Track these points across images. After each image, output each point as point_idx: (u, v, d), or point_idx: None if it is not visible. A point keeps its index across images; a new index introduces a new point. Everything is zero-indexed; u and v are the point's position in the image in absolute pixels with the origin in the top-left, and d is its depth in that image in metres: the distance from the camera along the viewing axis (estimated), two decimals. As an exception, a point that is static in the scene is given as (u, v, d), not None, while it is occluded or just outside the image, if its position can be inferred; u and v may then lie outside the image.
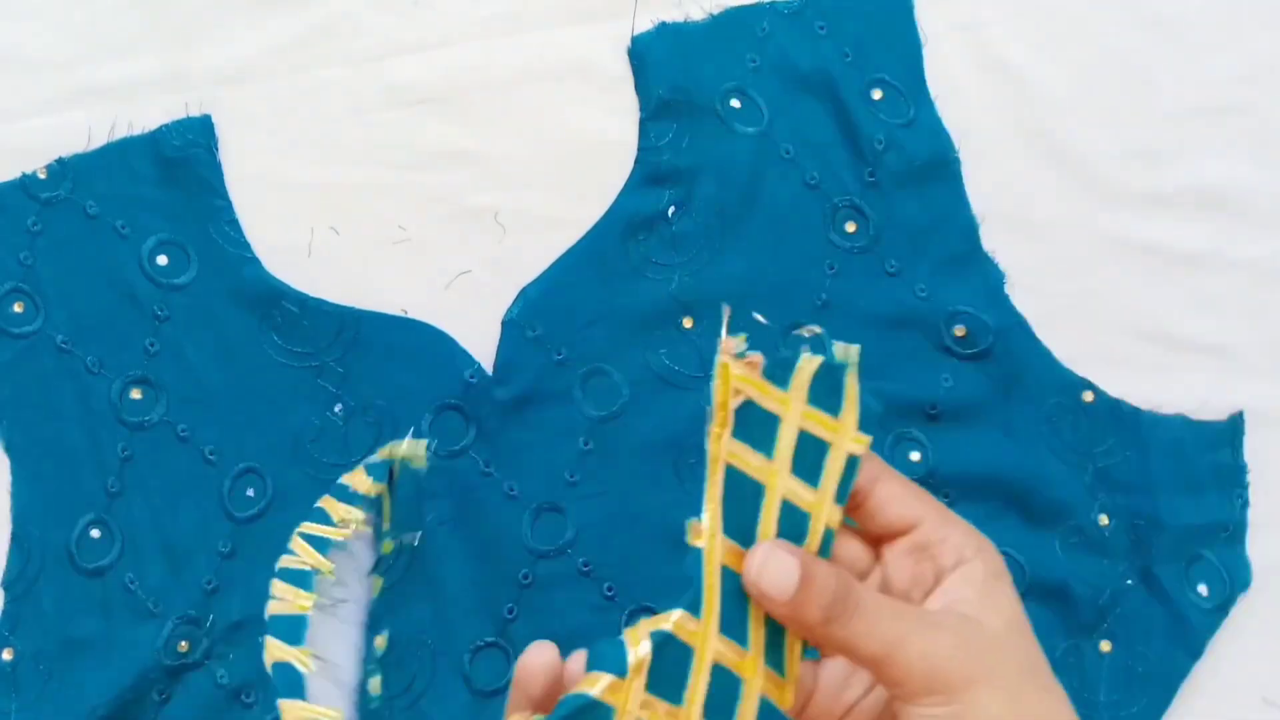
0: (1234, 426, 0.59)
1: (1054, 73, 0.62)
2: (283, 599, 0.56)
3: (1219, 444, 0.59)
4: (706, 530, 0.39)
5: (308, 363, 0.60)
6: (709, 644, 0.37)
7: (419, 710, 0.57)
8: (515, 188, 0.62)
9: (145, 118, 0.63)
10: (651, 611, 0.57)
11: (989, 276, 0.60)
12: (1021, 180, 0.61)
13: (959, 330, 0.59)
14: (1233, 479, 0.59)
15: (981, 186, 0.61)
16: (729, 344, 0.39)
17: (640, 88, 0.63)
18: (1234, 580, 0.58)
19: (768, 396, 0.39)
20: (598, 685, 0.36)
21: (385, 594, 0.57)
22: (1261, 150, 0.62)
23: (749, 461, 0.39)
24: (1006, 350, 0.59)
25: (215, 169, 0.62)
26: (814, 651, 0.39)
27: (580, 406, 0.59)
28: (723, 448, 0.39)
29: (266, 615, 0.56)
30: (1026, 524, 0.57)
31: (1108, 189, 0.61)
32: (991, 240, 0.60)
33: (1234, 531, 0.59)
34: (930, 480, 0.58)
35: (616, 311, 0.59)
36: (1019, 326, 0.59)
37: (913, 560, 0.38)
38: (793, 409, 0.39)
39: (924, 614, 0.36)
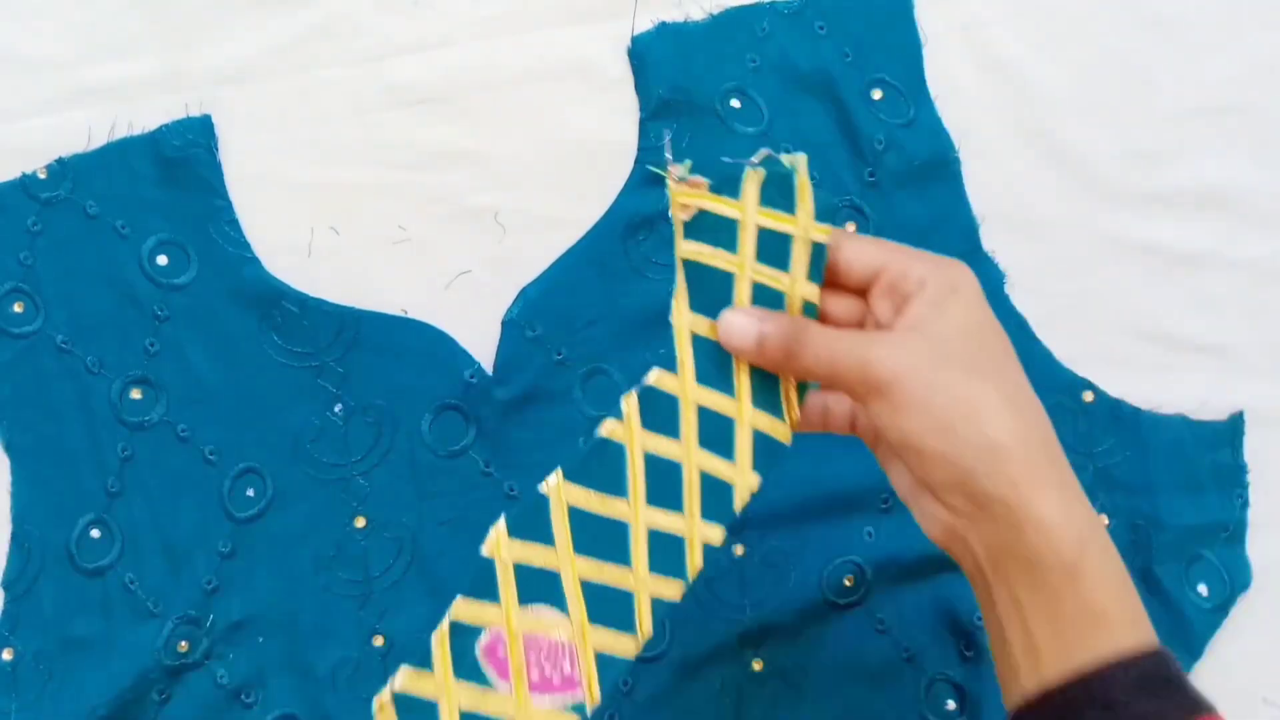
0: (1234, 426, 0.59)
1: (1054, 73, 0.62)
2: None
3: (1219, 444, 0.59)
4: (675, 308, 0.45)
5: (308, 363, 0.60)
6: (689, 392, 0.45)
7: None
8: (515, 188, 0.62)
9: (145, 118, 0.63)
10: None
11: (989, 276, 0.60)
12: (1021, 180, 0.61)
13: (959, 330, 0.59)
14: (1233, 479, 0.59)
15: (981, 186, 0.61)
16: (674, 170, 0.44)
17: (640, 88, 0.63)
18: (1234, 580, 0.58)
19: (721, 204, 0.45)
20: (604, 428, 0.44)
21: (385, 594, 0.58)
22: (1261, 150, 0.62)
23: (713, 256, 0.45)
24: (1006, 350, 0.59)
25: (215, 169, 0.62)
26: (806, 388, 0.45)
27: (580, 406, 0.59)
28: (680, 250, 0.45)
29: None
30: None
31: (1108, 189, 0.61)
32: (991, 240, 0.60)
33: (1234, 531, 0.59)
34: (930, 480, 0.58)
35: (616, 311, 0.59)
36: (1019, 326, 0.59)
37: (888, 299, 0.43)
38: (748, 212, 0.44)
39: (863, 334, 0.42)
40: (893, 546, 0.57)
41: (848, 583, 0.57)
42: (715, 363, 0.45)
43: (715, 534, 0.45)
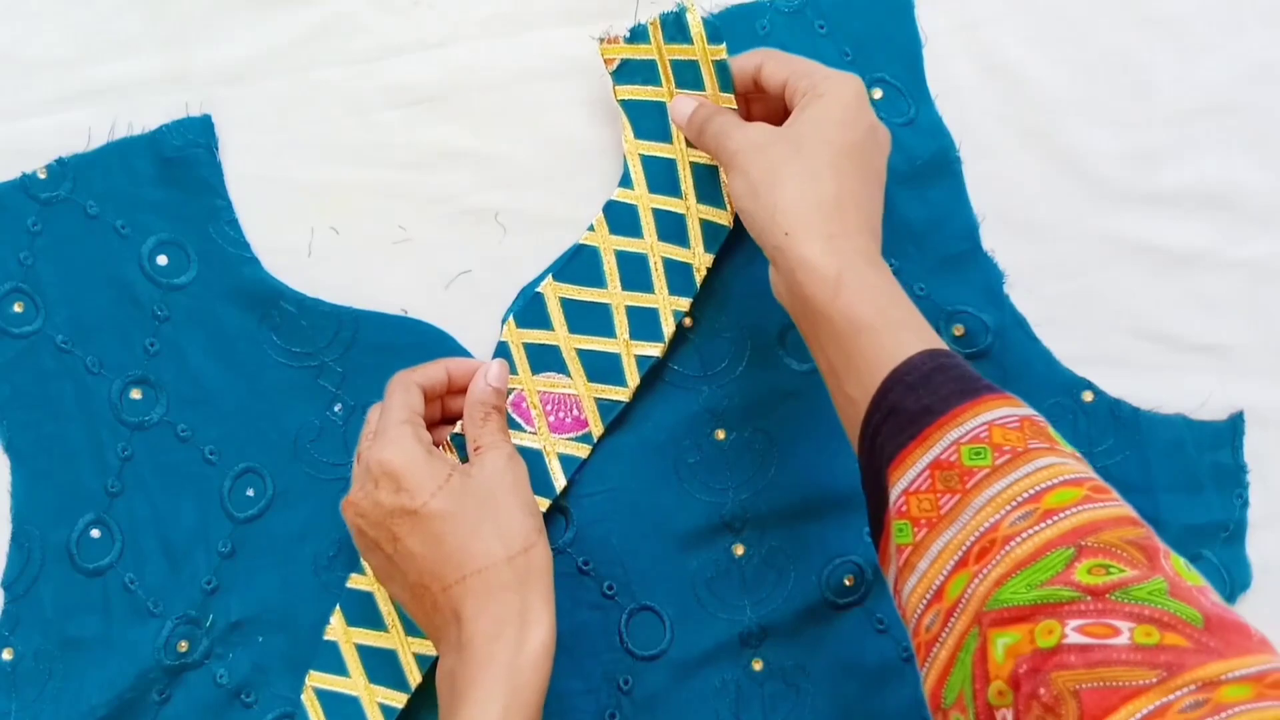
0: (1234, 426, 0.59)
1: (1054, 73, 0.62)
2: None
3: (1219, 444, 0.59)
4: (624, 138, 0.59)
5: (307, 363, 0.60)
6: (644, 199, 0.58)
7: (419, 711, 0.57)
8: (515, 188, 0.62)
9: (145, 118, 0.63)
10: (652, 611, 0.57)
11: (989, 276, 0.60)
12: (1021, 180, 0.61)
13: (958, 329, 0.59)
14: (1232, 479, 0.59)
15: (981, 186, 0.61)
16: (599, 40, 0.59)
17: (640, 87, 0.63)
18: (1234, 580, 0.58)
19: (636, 51, 0.58)
20: (581, 238, 0.59)
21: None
22: (1261, 150, 0.62)
23: (642, 92, 0.58)
24: (1006, 350, 0.59)
25: (215, 169, 0.62)
26: None
27: (580, 406, 0.60)
28: (616, 93, 0.59)
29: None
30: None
31: (1108, 189, 0.61)
32: (991, 240, 0.60)
33: (1234, 531, 0.59)
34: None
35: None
36: (1019, 326, 0.59)
37: (794, 106, 0.53)
38: (659, 52, 0.57)
39: (739, 120, 0.54)
40: (893, 546, 0.57)
41: (848, 583, 0.57)
42: (663, 174, 0.58)
43: (683, 303, 0.58)
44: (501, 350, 0.58)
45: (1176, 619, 0.36)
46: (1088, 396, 0.59)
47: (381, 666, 0.56)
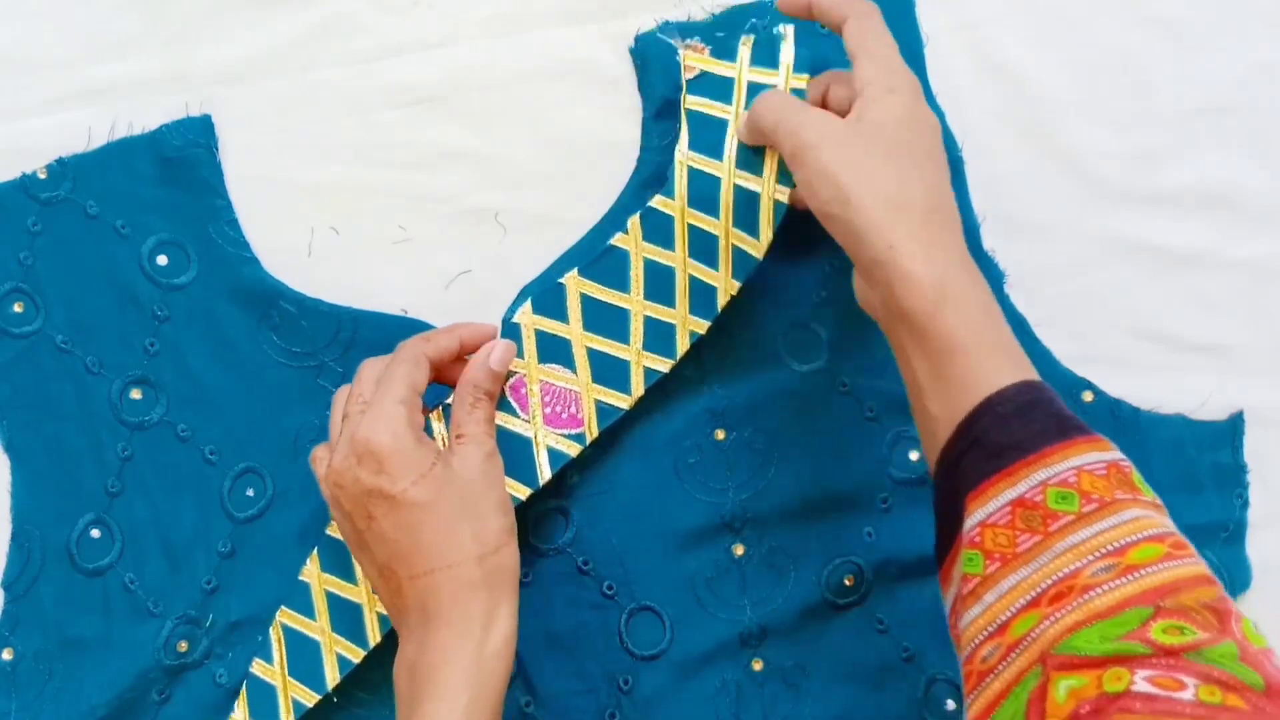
0: (1234, 426, 0.59)
1: (1054, 73, 0.62)
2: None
3: (1219, 444, 0.59)
4: (679, 146, 0.57)
5: (307, 363, 0.60)
6: (683, 213, 0.56)
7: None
8: (515, 188, 0.62)
9: (145, 118, 0.63)
10: (652, 611, 0.57)
11: (989, 276, 0.59)
12: (1021, 180, 0.61)
13: (959, 330, 0.59)
14: (1232, 479, 0.59)
15: (981, 186, 0.61)
16: (683, 45, 0.58)
17: (643, 87, 0.63)
18: (1234, 580, 0.58)
19: (719, 66, 0.57)
20: (614, 239, 0.57)
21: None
22: (1261, 150, 0.62)
23: (711, 107, 0.57)
24: (1006, 350, 0.59)
25: (215, 169, 0.62)
26: (781, 209, 0.55)
27: (580, 406, 0.60)
28: (685, 101, 0.57)
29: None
30: (1026, 524, 0.57)
31: (1108, 189, 0.61)
32: (991, 240, 0.60)
33: (1234, 531, 0.59)
34: (930, 479, 0.58)
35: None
36: (1019, 326, 0.59)
37: (863, 95, 0.51)
38: (741, 70, 0.56)
39: (818, 116, 0.50)
40: (893, 546, 0.57)
41: (848, 583, 0.57)
42: (707, 191, 0.56)
43: (701, 325, 0.57)
44: (512, 331, 0.57)
45: (1240, 683, 0.37)
46: (1088, 396, 0.59)
47: (345, 618, 0.56)
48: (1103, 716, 0.37)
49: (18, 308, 0.62)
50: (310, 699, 0.56)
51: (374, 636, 0.56)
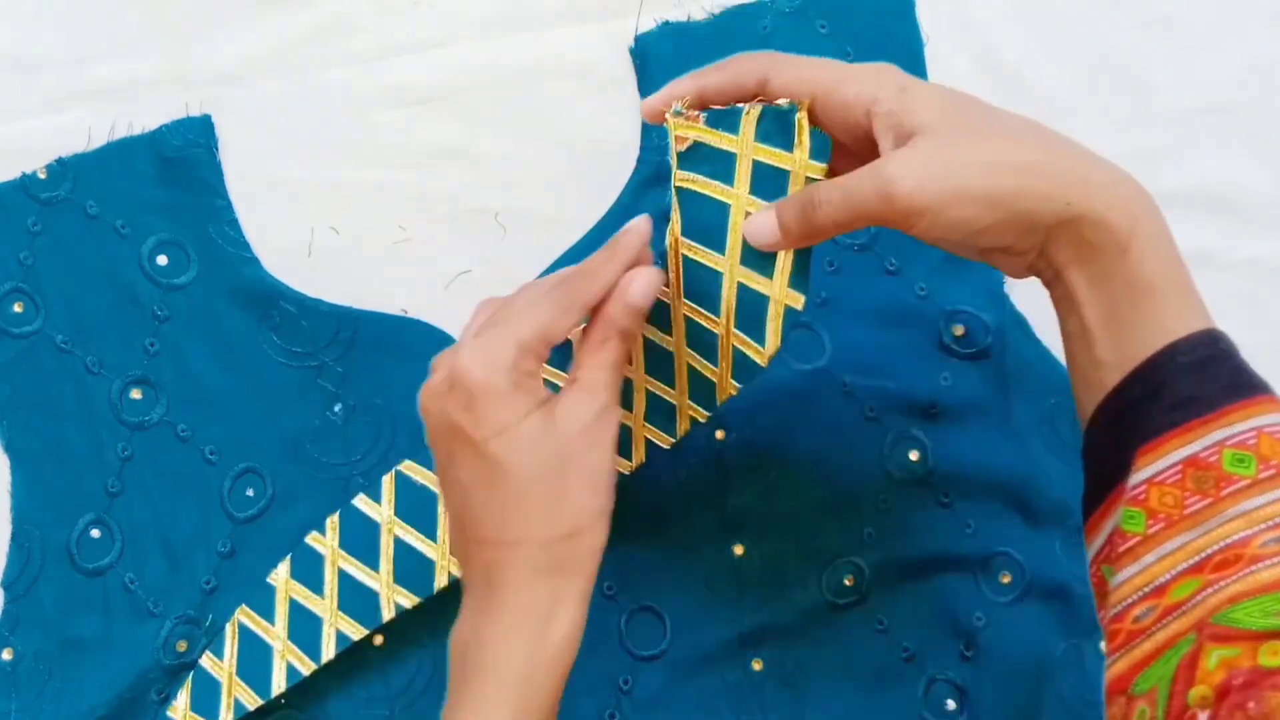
0: (1234, 426, 0.59)
1: (1054, 73, 0.62)
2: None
3: (1219, 444, 0.59)
4: (670, 230, 0.49)
5: (306, 363, 0.60)
6: (678, 305, 0.49)
7: (418, 709, 0.57)
8: (515, 188, 0.62)
9: (145, 118, 0.63)
10: (652, 611, 0.57)
11: (988, 275, 0.60)
12: (1021, 180, 0.61)
13: (958, 329, 0.59)
14: (1233, 479, 0.59)
15: (981, 186, 0.61)
16: (672, 114, 0.47)
17: (643, 87, 0.63)
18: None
19: (717, 138, 0.47)
20: None
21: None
22: (1261, 150, 0.62)
23: (706, 186, 0.47)
24: (1006, 350, 0.59)
25: (215, 169, 0.62)
26: (793, 315, 0.47)
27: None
28: (675, 177, 0.48)
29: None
30: (1026, 524, 0.57)
31: (1108, 189, 0.61)
32: (991, 240, 0.60)
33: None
34: (930, 480, 0.58)
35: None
36: (1018, 326, 0.59)
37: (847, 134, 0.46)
38: (745, 145, 0.46)
39: (865, 169, 0.43)
40: (893, 546, 0.57)
41: (848, 583, 0.57)
42: (705, 288, 0.48)
43: (701, 414, 0.51)
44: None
45: None
46: (1088, 396, 0.59)
47: (305, 629, 0.56)
48: (1255, 690, 0.35)
49: (18, 308, 0.62)
50: (253, 702, 0.56)
51: (328, 652, 0.56)
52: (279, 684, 0.56)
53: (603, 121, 0.62)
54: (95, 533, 0.60)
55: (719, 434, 0.59)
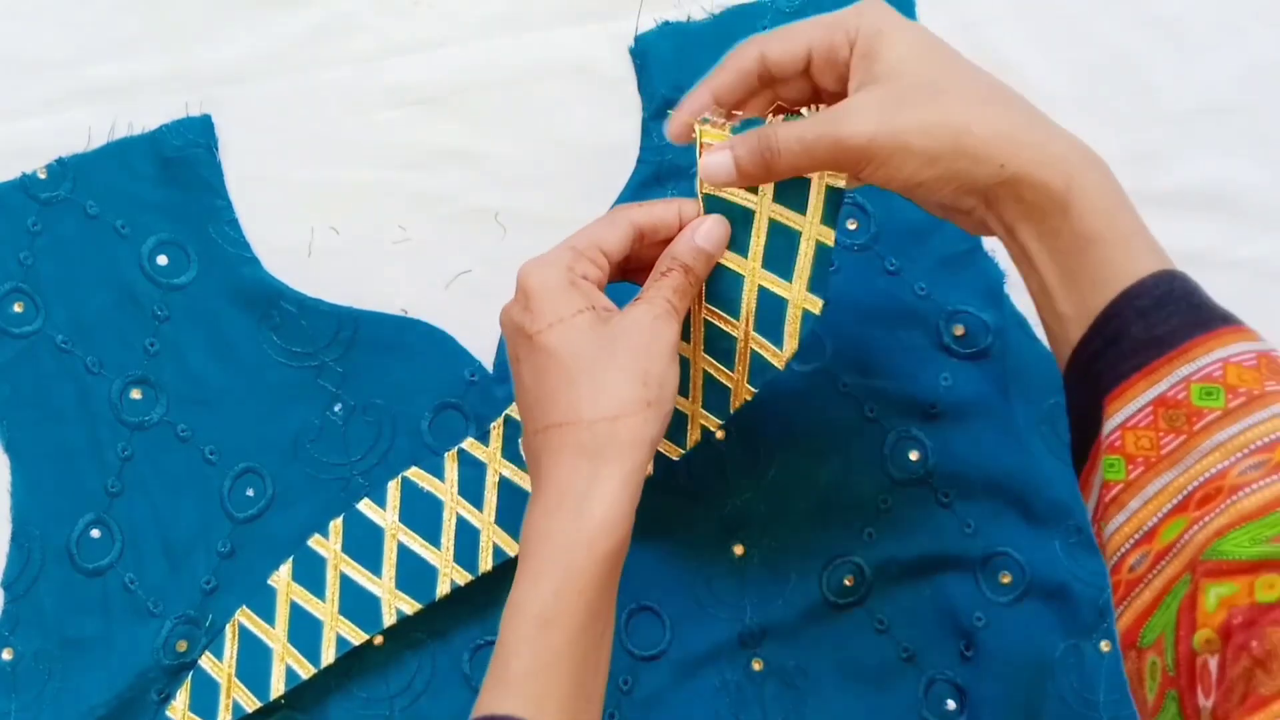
0: (1234, 426, 0.59)
1: (1054, 73, 0.62)
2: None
3: (1219, 444, 0.59)
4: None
5: (306, 363, 0.60)
6: (697, 310, 0.51)
7: (418, 709, 0.57)
8: (515, 188, 0.62)
9: (145, 118, 0.63)
10: (652, 611, 0.57)
11: (989, 276, 0.60)
12: (1021, 180, 0.61)
13: (958, 329, 0.59)
14: (1233, 479, 0.59)
15: (981, 186, 0.61)
16: (700, 122, 0.48)
17: (643, 87, 0.63)
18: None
19: (738, 197, 0.49)
20: None
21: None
22: (1261, 150, 0.62)
23: (732, 194, 0.49)
24: (1006, 349, 0.59)
25: (215, 169, 0.62)
26: (810, 319, 0.50)
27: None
28: (702, 185, 0.49)
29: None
30: (1026, 524, 0.57)
31: (1108, 189, 0.61)
32: (991, 240, 0.60)
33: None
34: (930, 480, 0.58)
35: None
36: (1018, 326, 0.59)
37: (829, 71, 0.48)
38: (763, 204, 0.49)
39: (824, 114, 0.46)
40: (893, 546, 0.57)
41: (848, 583, 0.57)
42: (728, 289, 0.50)
43: (713, 421, 0.52)
44: None
45: None
46: (1088, 396, 0.59)
47: (305, 632, 0.56)
48: (1255, 628, 0.35)
49: (18, 308, 0.62)
50: (251, 704, 0.56)
51: (328, 656, 0.56)
52: (277, 686, 0.56)
53: (603, 121, 0.62)
54: (95, 533, 0.60)
55: (719, 434, 0.59)
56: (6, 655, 0.59)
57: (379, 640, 0.57)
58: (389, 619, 0.56)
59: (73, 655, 0.59)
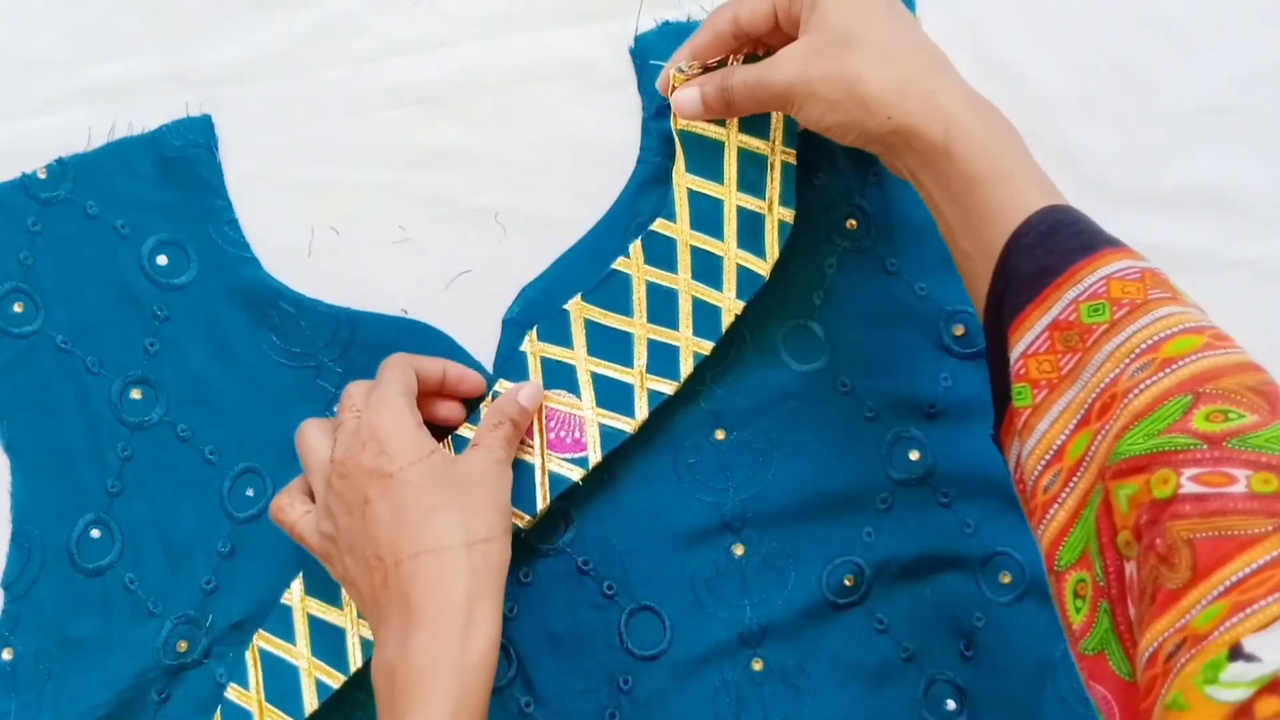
0: (1234, 426, 0.59)
1: (1054, 73, 0.62)
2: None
3: (1219, 444, 0.59)
4: (675, 169, 0.57)
5: (306, 363, 0.60)
6: (685, 235, 0.57)
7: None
8: (515, 188, 0.62)
9: (145, 118, 0.63)
10: (652, 611, 0.57)
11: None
12: (1021, 180, 0.61)
13: (958, 329, 0.59)
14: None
15: (981, 186, 0.61)
16: (674, 68, 0.56)
17: (643, 87, 0.63)
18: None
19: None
20: (615, 261, 0.58)
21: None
22: (1261, 150, 0.62)
23: (704, 129, 0.57)
24: (1006, 350, 0.59)
25: (215, 169, 0.62)
26: (786, 229, 0.56)
27: (580, 406, 0.60)
28: (677, 123, 0.57)
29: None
30: (1027, 524, 0.57)
31: (1108, 189, 0.61)
32: (991, 240, 0.60)
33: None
34: (930, 480, 0.58)
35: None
36: (1019, 326, 0.59)
37: (794, 28, 0.53)
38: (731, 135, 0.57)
39: (764, 61, 0.52)
40: (893, 546, 0.57)
41: (848, 583, 0.57)
42: (709, 213, 0.57)
43: (705, 346, 0.57)
44: (519, 360, 0.57)
45: None
46: (1088, 396, 0.59)
47: (327, 642, 0.56)
48: (1157, 526, 0.35)
49: (18, 308, 0.62)
50: None
51: (355, 661, 0.56)
52: (310, 702, 0.56)
53: (603, 121, 0.62)
54: (95, 533, 0.60)
55: (719, 434, 0.59)
56: (6, 655, 0.59)
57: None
58: None
59: (73, 655, 0.59)
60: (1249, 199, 0.61)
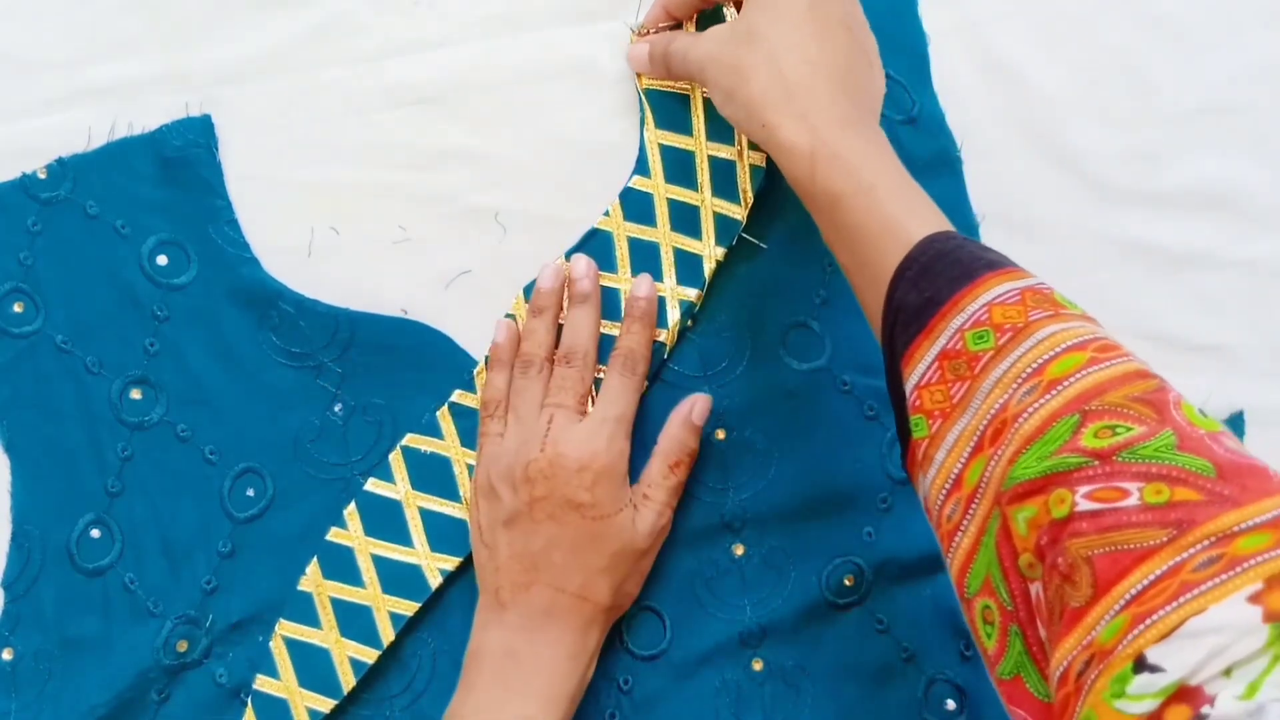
0: (1234, 426, 0.59)
1: (1054, 73, 0.62)
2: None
3: (1219, 444, 0.59)
4: (645, 126, 0.60)
5: (306, 363, 0.60)
6: (661, 189, 0.59)
7: (419, 709, 0.57)
8: (515, 188, 0.62)
9: (145, 118, 0.63)
10: (652, 611, 0.57)
11: (989, 276, 0.60)
12: (1021, 180, 0.61)
13: (959, 330, 0.59)
14: (1233, 479, 0.59)
15: (981, 186, 0.61)
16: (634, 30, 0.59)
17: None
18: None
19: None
20: (596, 221, 0.60)
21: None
22: (1261, 150, 0.62)
23: (670, 85, 0.60)
24: (1006, 350, 0.59)
25: (215, 169, 0.62)
26: (759, 174, 0.58)
27: (580, 406, 0.60)
28: (641, 83, 0.60)
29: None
30: (1026, 524, 0.57)
31: (1108, 189, 0.61)
32: (991, 240, 0.60)
33: (1234, 531, 0.59)
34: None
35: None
36: (1019, 326, 0.59)
37: None
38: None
39: (702, 34, 0.54)
40: (893, 546, 0.57)
41: (848, 583, 0.57)
42: (681, 165, 0.59)
43: (690, 294, 0.58)
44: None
45: (1186, 472, 0.35)
46: (1088, 396, 0.59)
47: (355, 621, 0.56)
48: (1058, 545, 0.36)
49: (18, 308, 0.62)
50: (326, 705, 0.56)
51: (387, 636, 0.56)
52: (347, 681, 0.56)
53: (603, 121, 0.62)
54: (95, 533, 0.60)
55: (719, 434, 0.59)
56: (6, 655, 0.59)
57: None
58: (434, 581, 0.57)
59: (73, 655, 0.59)
60: (1249, 199, 0.61)
